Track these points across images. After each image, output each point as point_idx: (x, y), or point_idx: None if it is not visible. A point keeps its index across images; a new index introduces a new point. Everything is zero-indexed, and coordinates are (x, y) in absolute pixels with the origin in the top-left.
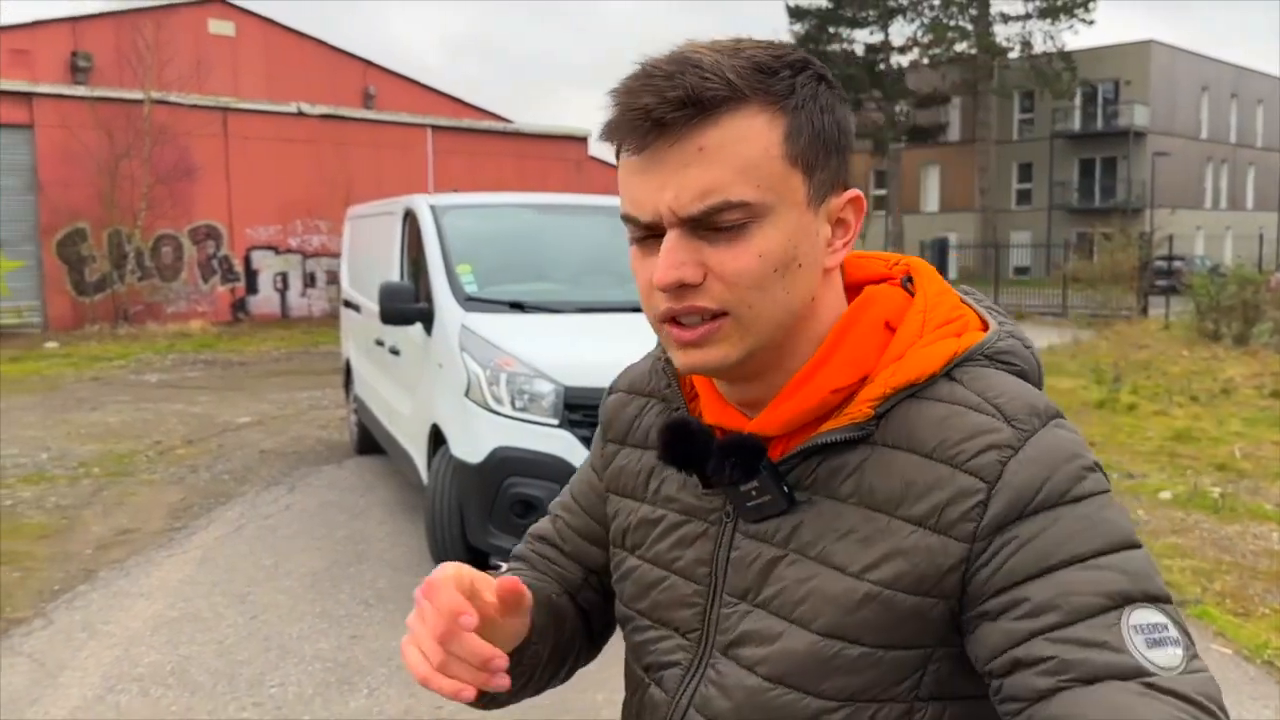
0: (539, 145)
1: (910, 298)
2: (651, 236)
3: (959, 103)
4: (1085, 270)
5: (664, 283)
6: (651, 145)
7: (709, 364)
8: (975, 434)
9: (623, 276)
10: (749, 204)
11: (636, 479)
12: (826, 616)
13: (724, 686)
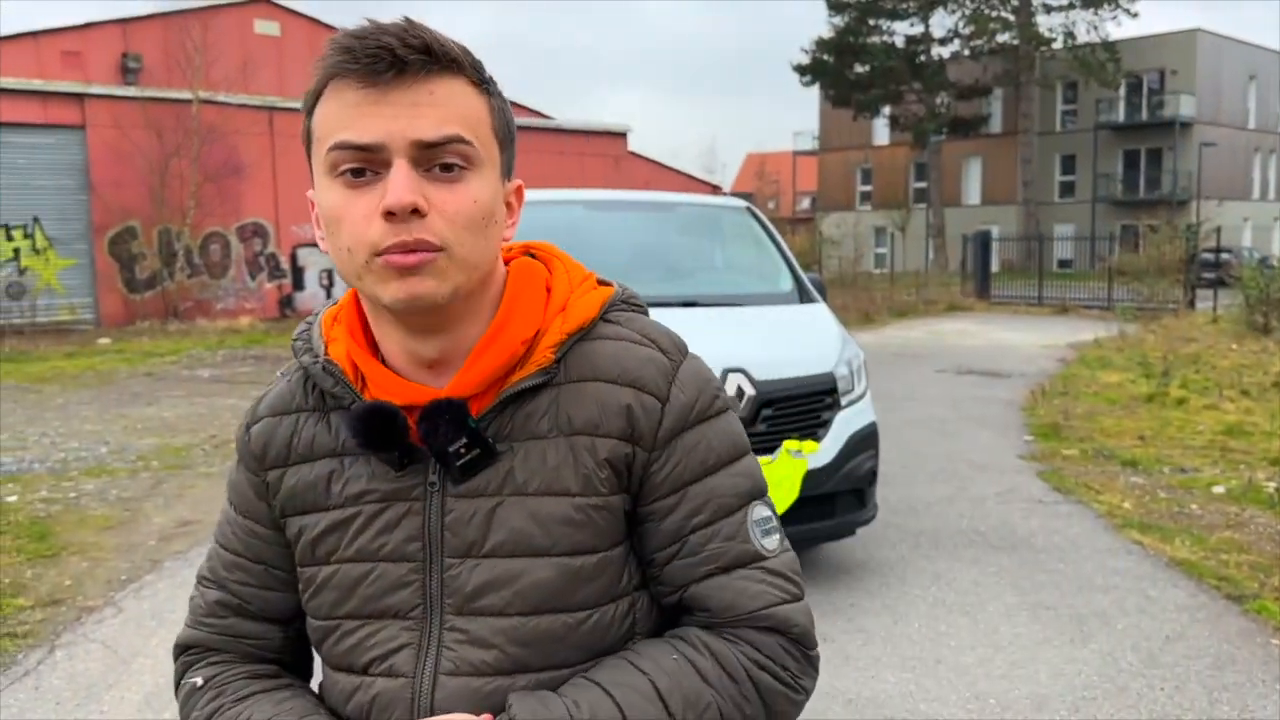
0: (578, 141)
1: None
2: (364, 172)
3: (1001, 94)
4: (1131, 263)
5: (403, 202)
6: (385, 81)
7: (423, 295)
8: (646, 363)
9: (671, 271)
10: (473, 146)
11: (314, 491)
12: (564, 538)
13: (477, 639)
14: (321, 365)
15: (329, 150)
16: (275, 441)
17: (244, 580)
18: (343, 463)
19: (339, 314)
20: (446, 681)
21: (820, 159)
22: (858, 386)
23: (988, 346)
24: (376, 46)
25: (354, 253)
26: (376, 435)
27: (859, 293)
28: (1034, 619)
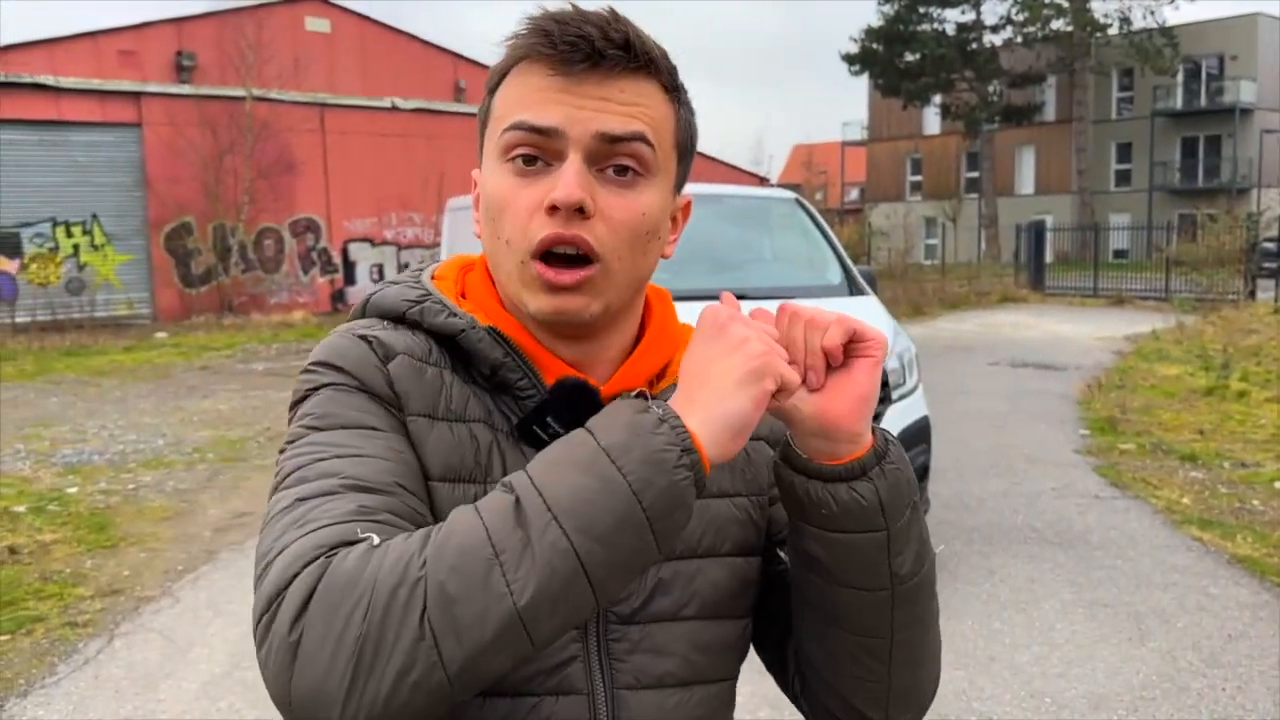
0: None
1: None
2: (537, 160)
3: (1055, 82)
4: (1189, 253)
5: (571, 199)
6: (579, 71)
7: (572, 310)
8: None
9: (720, 264)
10: (654, 151)
11: (474, 458)
12: (731, 538)
13: (651, 647)
14: (487, 331)
15: (505, 130)
16: (422, 388)
17: (414, 489)
18: (497, 438)
19: (460, 290)
20: (628, 697)
21: (869, 149)
22: (909, 380)
23: (1042, 339)
24: (577, 35)
25: (513, 247)
26: (579, 410)
27: (909, 284)
28: (1091, 616)
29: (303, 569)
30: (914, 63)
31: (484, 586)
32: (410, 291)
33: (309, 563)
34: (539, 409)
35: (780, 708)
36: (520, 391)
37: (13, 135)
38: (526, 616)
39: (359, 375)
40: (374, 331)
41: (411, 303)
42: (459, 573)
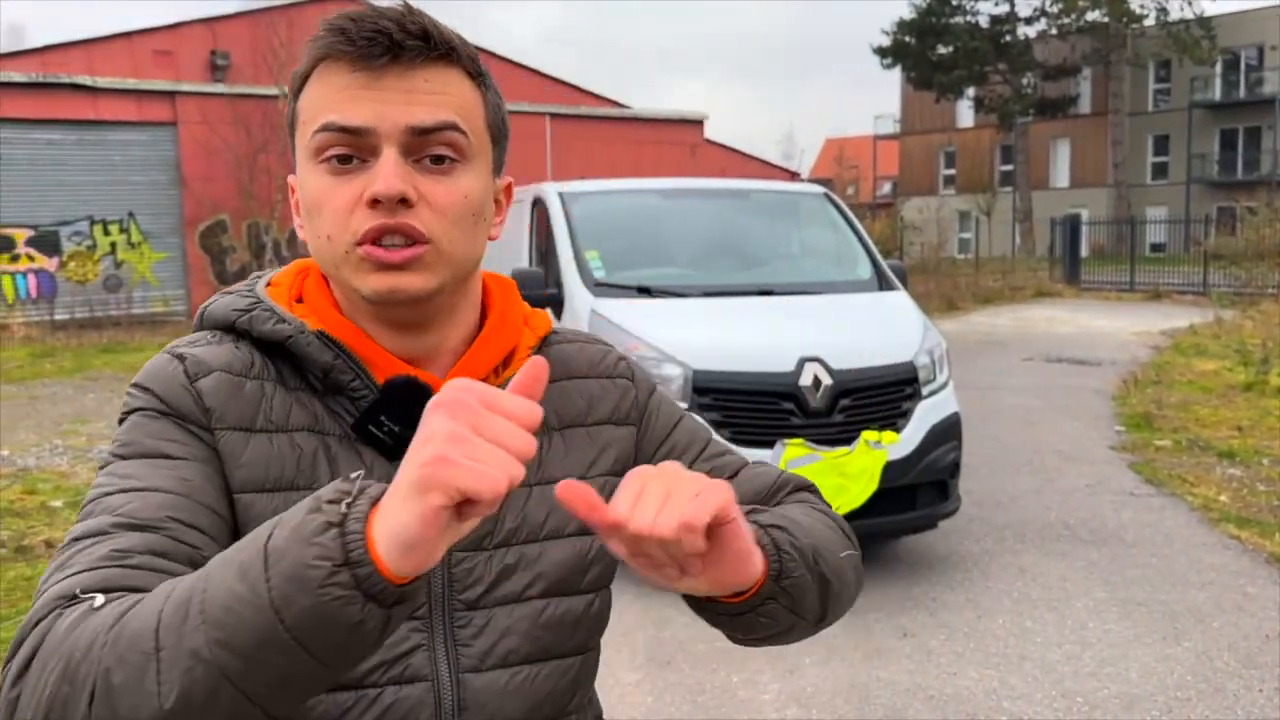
0: (654, 129)
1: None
2: (351, 159)
3: (1090, 74)
4: (1228, 246)
5: (392, 191)
6: (380, 66)
7: (408, 289)
8: (605, 355)
9: (746, 260)
10: (466, 137)
11: (295, 467)
12: (574, 520)
13: (497, 629)
14: (315, 335)
15: (315, 132)
16: (239, 401)
17: (189, 521)
18: (326, 443)
19: (296, 295)
20: (472, 679)
21: (902, 142)
22: (940, 376)
23: (1077, 334)
24: (373, 30)
25: (334, 241)
26: (410, 409)
27: (942, 279)
28: (1124, 615)
29: (36, 625)
30: (947, 55)
31: (139, 682)
32: (240, 301)
33: (41, 619)
34: (370, 410)
35: (809, 707)
36: (354, 393)
37: (51, 135)
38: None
39: (165, 398)
40: (193, 349)
41: (240, 312)
42: (124, 663)
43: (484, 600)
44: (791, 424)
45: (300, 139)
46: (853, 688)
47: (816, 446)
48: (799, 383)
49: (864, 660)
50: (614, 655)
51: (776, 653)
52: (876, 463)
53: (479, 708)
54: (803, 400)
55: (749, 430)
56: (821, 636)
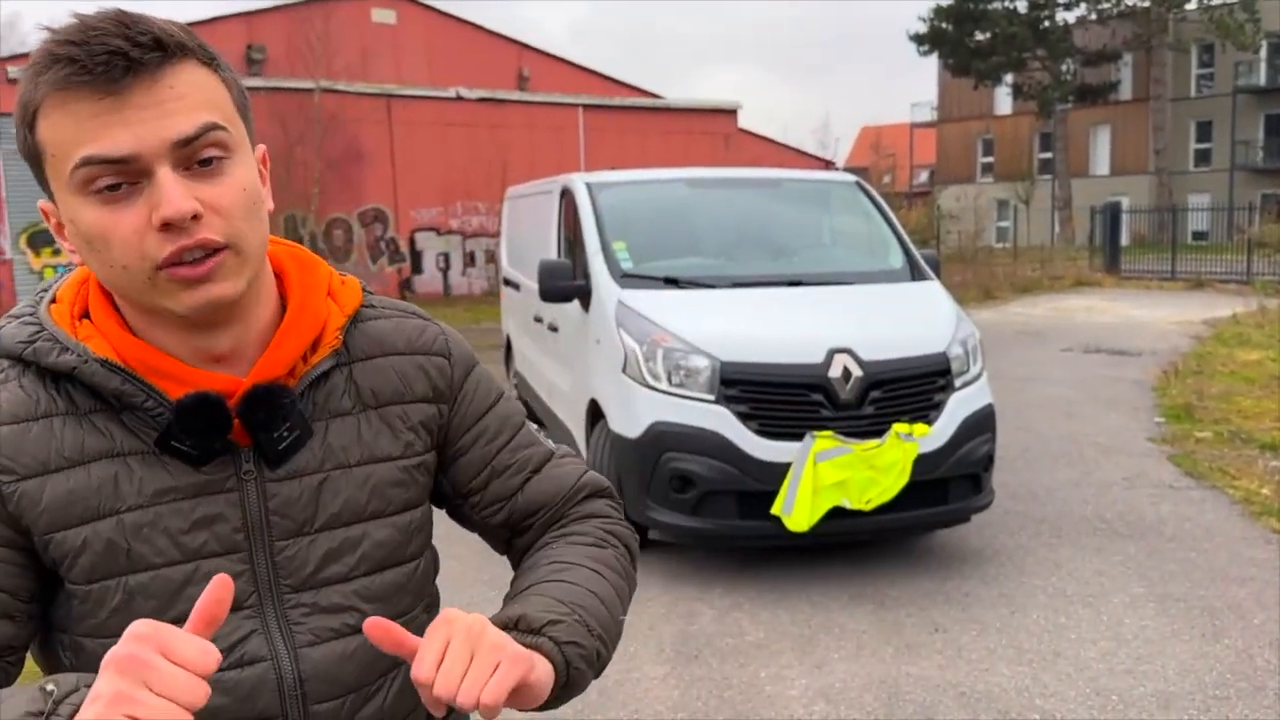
0: (686, 120)
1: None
2: (121, 186)
3: (1131, 59)
4: (1272, 234)
5: (184, 211)
6: (123, 86)
7: (220, 297)
8: (423, 330)
9: (776, 250)
10: (228, 131)
11: (97, 496)
12: (395, 498)
13: (327, 607)
14: (100, 364)
15: (76, 168)
16: (28, 448)
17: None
18: (127, 464)
19: (80, 310)
20: (308, 654)
21: (939, 130)
22: (973, 367)
23: (1116, 323)
24: (106, 52)
25: (131, 269)
26: (205, 426)
27: (979, 268)
28: (1162, 611)
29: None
30: (985, 41)
31: None
32: (24, 330)
33: None
34: (166, 431)
35: (836, 703)
36: (149, 411)
37: None
38: None
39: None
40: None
41: (24, 343)
42: None
43: (311, 582)
44: (821, 416)
45: (55, 172)
46: (882, 684)
47: (846, 439)
48: (828, 374)
49: (894, 656)
50: (640, 649)
51: (805, 648)
52: (908, 455)
53: (320, 677)
54: (832, 392)
55: (777, 422)
56: (851, 631)
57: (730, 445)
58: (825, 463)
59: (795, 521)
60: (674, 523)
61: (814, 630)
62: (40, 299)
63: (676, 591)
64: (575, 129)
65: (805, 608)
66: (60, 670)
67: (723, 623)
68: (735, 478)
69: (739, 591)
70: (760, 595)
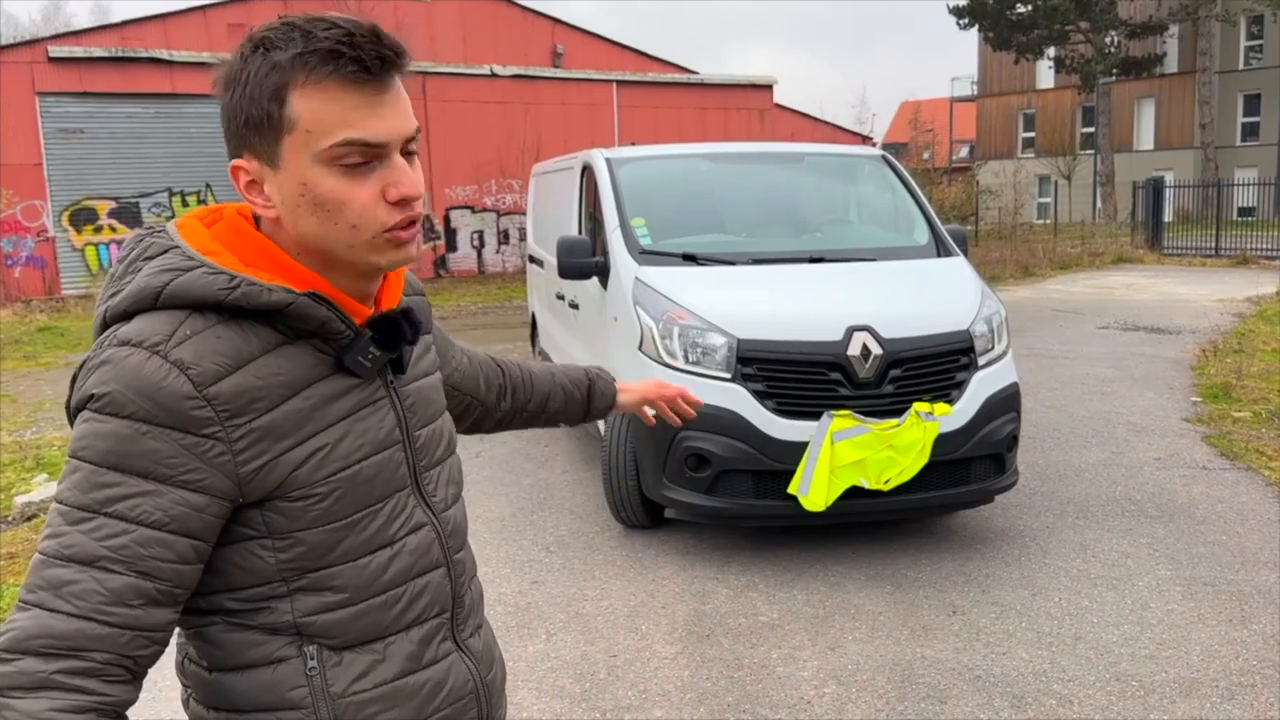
0: (722, 95)
1: None
2: (363, 164)
3: (1177, 31)
4: None
5: (421, 193)
6: (385, 87)
7: (414, 256)
8: (411, 277)
9: (799, 225)
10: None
11: (312, 415)
12: (443, 400)
13: (442, 481)
14: (309, 297)
15: (335, 145)
16: (257, 389)
17: (165, 557)
18: (321, 386)
19: (242, 260)
20: (445, 515)
21: (979, 105)
22: (998, 345)
23: (1157, 301)
24: (378, 58)
25: (360, 229)
26: (397, 336)
27: (1018, 244)
28: (1188, 595)
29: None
30: (1026, 14)
31: None
32: (215, 278)
33: (21, 657)
34: (357, 347)
35: (849, 685)
36: (336, 336)
37: (131, 108)
38: None
39: (165, 419)
40: (182, 348)
41: (227, 289)
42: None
43: (432, 461)
44: (839, 395)
45: (300, 143)
46: (896, 666)
47: (865, 418)
48: (847, 352)
49: (910, 638)
50: (653, 628)
51: (819, 629)
52: (928, 435)
53: (452, 533)
54: (851, 370)
55: (795, 401)
56: (867, 612)
57: (746, 424)
58: (843, 442)
59: (812, 501)
60: (690, 501)
61: (829, 611)
62: (174, 252)
63: (691, 570)
64: (609, 105)
65: (821, 588)
66: (261, 570)
67: (737, 602)
68: (751, 456)
69: (754, 571)
70: (776, 575)
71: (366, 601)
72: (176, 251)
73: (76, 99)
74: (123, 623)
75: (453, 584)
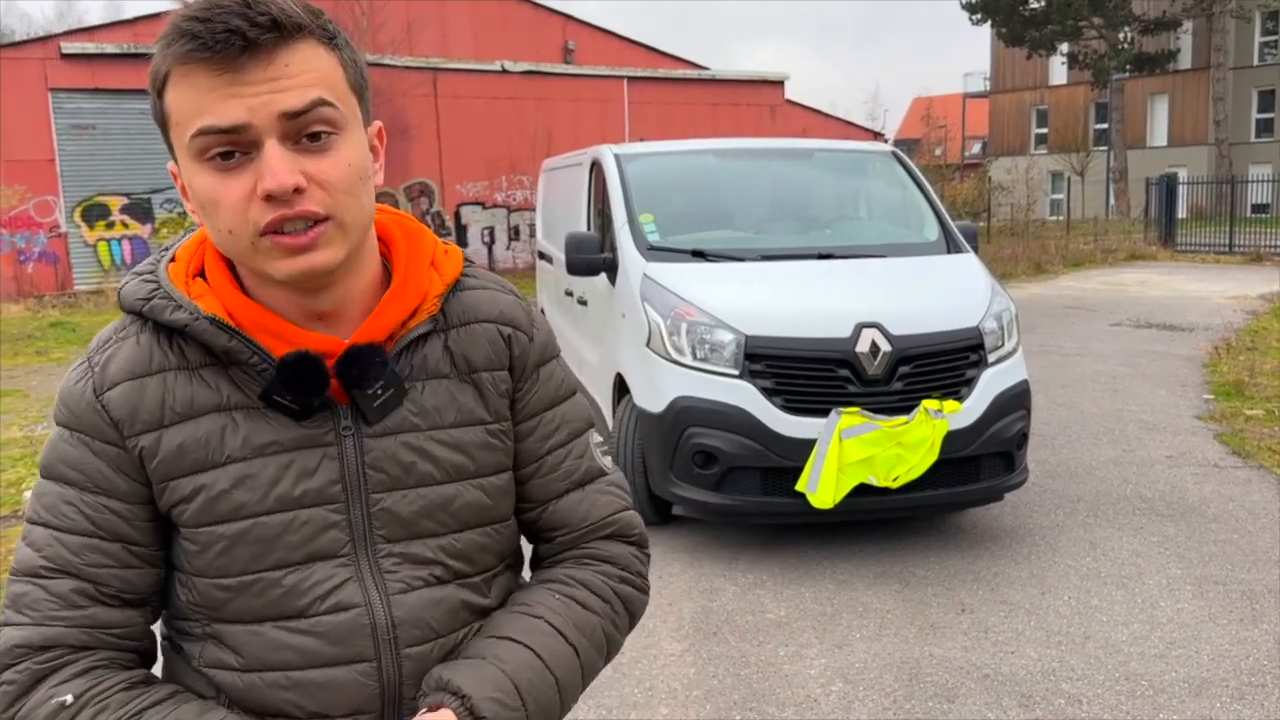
0: (732, 91)
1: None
2: (233, 154)
3: (1190, 27)
4: None
5: (285, 185)
6: (239, 63)
7: (319, 266)
8: (515, 305)
9: (807, 222)
10: (337, 109)
11: (205, 448)
12: (486, 461)
13: (418, 559)
14: (209, 321)
15: (193, 136)
16: (144, 404)
17: (100, 562)
18: (233, 417)
19: (196, 268)
20: (400, 600)
21: (992, 101)
22: (1008, 342)
23: (1170, 298)
24: (225, 30)
25: (236, 234)
26: (304, 382)
27: (1030, 241)
28: (1199, 594)
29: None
30: (1039, 9)
31: None
32: (143, 287)
33: (8, 666)
34: (270, 385)
35: (855, 683)
36: (254, 367)
37: (143, 104)
38: None
39: (76, 420)
40: (105, 349)
41: (143, 300)
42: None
43: (403, 535)
44: (848, 392)
45: (176, 139)
46: (903, 664)
47: (873, 415)
48: (855, 349)
49: (917, 636)
50: (659, 624)
51: (826, 627)
52: (937, 432)
53: (411, 622)
54: (859, 367)
55: (803, 398)
56: (875, 610)
57: (754, 421)
58: (851, 439)
59: (820, 498)
60: (697, 498)
61: (836, 609)
62: (161, 257)
63: (699, 568)
64: (620, 102)
65: (829, 585)
66: (179, 603)
67: (744, 599)
68: (759, 453)
69: (762, 568)
70: (784, 572)
71: (258, 674)
72: (163, 255)
73: (89, 95)
74: (76, 623)
75: (386, 686)
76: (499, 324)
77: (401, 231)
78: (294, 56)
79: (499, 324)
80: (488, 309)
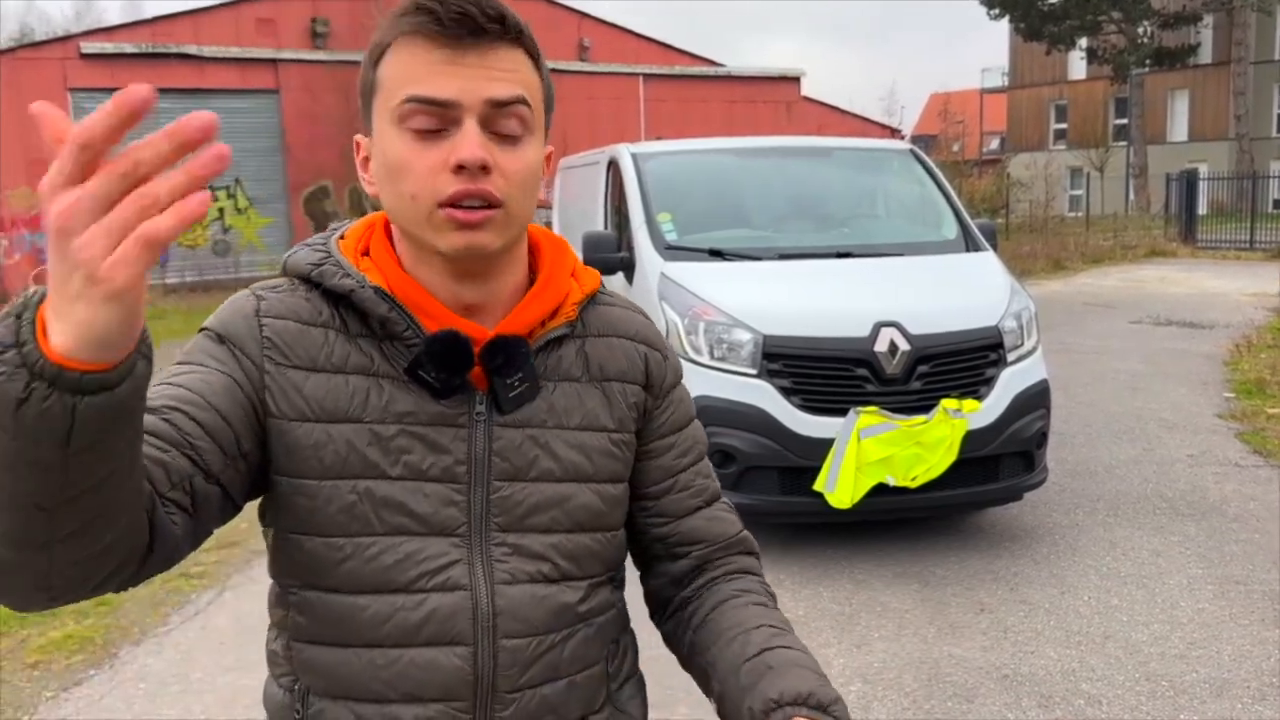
0: (748, 88)
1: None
2: (437, 130)
3: (1211, 21)
4: None
5: (475, 158)
6: (463, 44)
7: (480, 245)
8: (647, 326)
9: (825, 220)
10: (531, 111)
11: (349, 402)
12: (604, 467)
13: (527, 553)
14: (373, 290)
15: (402, 102)
16: (303, 343)
17: (192, 415)
18: (379, 383)
19: (363, 248)
20: (505, 590)
21: (1010, 96)
22: (1027, 341)
23: (1190, 295)
24: (460, 13)
25: (418, 200)
26: (450, 360)
27: (1049, 238)
28: (1220, 594)
29: None
30: (1057, 4)
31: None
32: (314, 254)
33: None
34: (416, 359)
35: (874, 683)
36: (406, 340)
37: (161, 104)
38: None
39: (227, 326)
40: (273, 294)
41: (313, 265)
42: None
43: (517, 526)
44: (866, 391)
45: (381, 105)
46: (922, 664)
47: (892, 415)
48: (874, 348)
49: (937, 636)
50: None
51: (845, 626)
52: (956, 432)
53: (513, 614)
54: (878, 367)
55: (821, 397)
56: (894, 610)
57: (772, 420)
58: (869, 439)
59: (838, 498)
60: None
61: (855, 608)
62: (331, 234)
63: None
64: (636, 99)
65: (847, 585)
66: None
67: None
68: (777, 453)
69: (780, 568)
70: (802, 572)
71: (354, 649)
72: (333, 232)
73: (108, 95)
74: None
75: (480, 674)
76: (635, 342)
77: (549, 241)
78: (508, 55)
79: (635, 342)
80: (625, 326)
